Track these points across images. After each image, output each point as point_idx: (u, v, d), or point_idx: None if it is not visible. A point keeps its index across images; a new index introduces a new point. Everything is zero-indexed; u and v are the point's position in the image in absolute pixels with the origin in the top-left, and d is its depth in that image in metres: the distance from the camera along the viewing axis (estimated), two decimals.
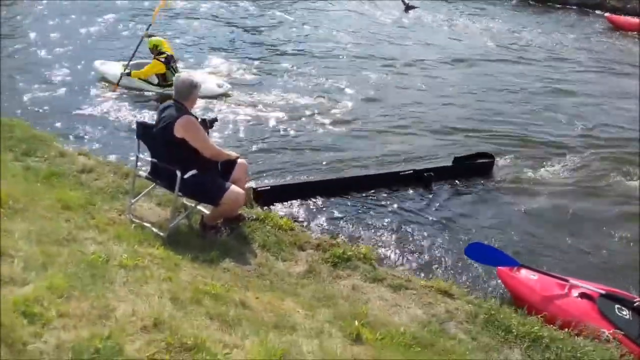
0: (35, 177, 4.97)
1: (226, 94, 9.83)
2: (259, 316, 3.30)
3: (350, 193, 7.03)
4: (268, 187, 6.62)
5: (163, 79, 9.62)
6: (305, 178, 7.39)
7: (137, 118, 8.48)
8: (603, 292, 4.71)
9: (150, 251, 3.89)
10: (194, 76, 4.75)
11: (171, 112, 4.44)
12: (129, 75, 9.69)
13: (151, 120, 4.94)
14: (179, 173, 4.36)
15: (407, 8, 19.02)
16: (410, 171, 7.51)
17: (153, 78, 9.76)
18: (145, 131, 4.65)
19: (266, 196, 6.37)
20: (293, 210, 6.59)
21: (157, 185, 4.89)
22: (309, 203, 6.74)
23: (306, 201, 6.75)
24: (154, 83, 9.75)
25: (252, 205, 5.66)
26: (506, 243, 6.23)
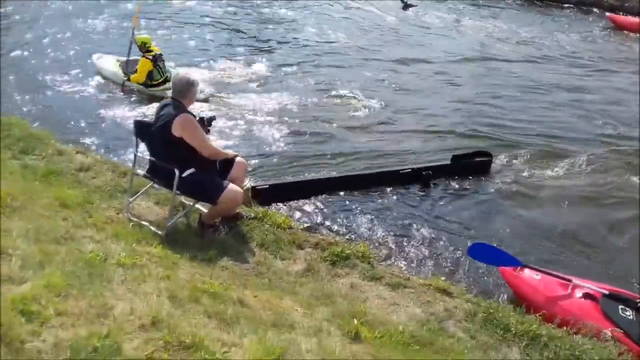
0: (33, 176, 4.96)
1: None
2: (258, 315, 3.30)
3: (348, 191, 7.02)
4: (266, 186, 6.61)
5: (149, 77, 9.57)
6: (303, 176, 7.39)
7: (135, 116, 8.49)
8: (606, 292, 4.69)
9: (148, 250, 3.88)
10: (192, 74, 4.73)
11: (169, 111, 4.43)
12: (129, 80, 9.69)
13: (150, 118, 4.93)
14: (177, 171, 4.35)
15: (406, 6, 19.02)
16: (408, 169, 7.50)
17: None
18: (143, 129, 4.65)
19: (264, 195, 6.36)
20: (291, 208, 6.58)
21: (155, 183, 4.88)
22: (308, 201, 6.73)
23: (305, 200, 6.74)
24: (140, 82, 9.67)
25: (251, 203, 5.66)
26: (504, 241, 6.23)
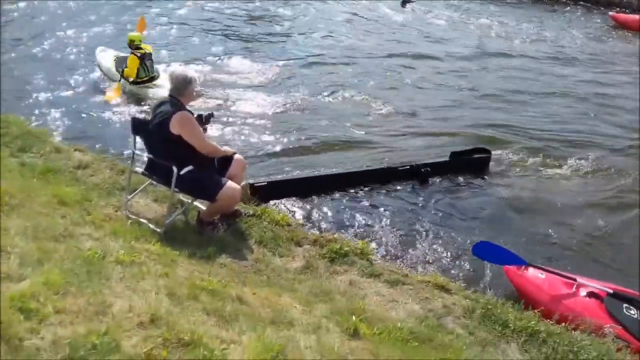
0: (31, 173, 4.96)
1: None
2: (256, 312, 3.30)
3: (347, 188, 7.02)
4: (265, 183, 6.60)
5: (136, 74, 9.55)
6: (301, 174, 7.38)
7: (133, 113, 8.47)
8: (611, 291, 4.68)
9: (146, 247, 3.87)
10: (190, 71, 4.71)
11: (167, 108, 4.42)
12: (123, 75, 9.66)
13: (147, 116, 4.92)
14: (176, 169, 4.34)
15: (404, 3, 19.00)
16: (407, 166, 7.49)
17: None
18: (141, 127, 4.64)
19: (263, 192, 6.36)
20: (290, 205, 6.58)
21: (154, 181, 4.87)
22: (306, 198, 6.72)
23: (303, 197, 6.73)
24: (131, 77, 9.64)
25: (249, 201, 5.65)
26: (502, 238, 6.20)
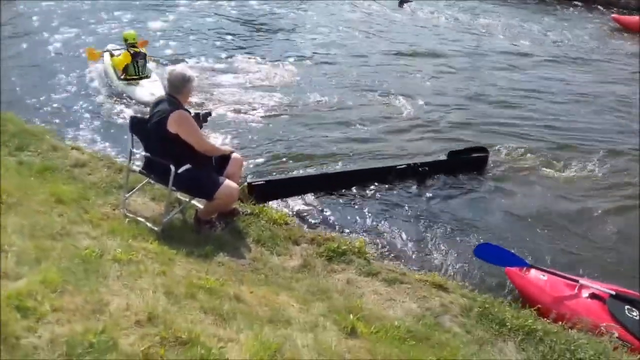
0: (28, 172, 4.95)
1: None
2: (254, 310, 3.30)
3: (344, 187, 7.02)
4: (262, 182, 6.60)
5: (124, 70, 9.54)
6: (299, 172, 7.38)
7: (131, 112, 8.46)
8: (613, 293, 4.69)
9: (144, 246, 3.87)
10: (187, 70, 4.71)
11: (164, 107, 4.42)
12: (112, 56, 9.71)
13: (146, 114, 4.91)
14: (173, 167, 4.34)
15: (401, 2, 19.00)
16: (405, 165, 7.50)
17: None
18: (138, 125, 4.63)
19: (261, 190, 6.36)
20: (288, 204, 6.57)
21: (151, 179, 4.87)
22: (304, 197, 6.72)
23: (301, 195, 6.73)
24: (119, 68, 9.63)
25: (247, 199, 5.65)
26: (500, 238, 6.23)
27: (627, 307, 4.58)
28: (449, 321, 4.00)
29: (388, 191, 7.13)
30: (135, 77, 9.47)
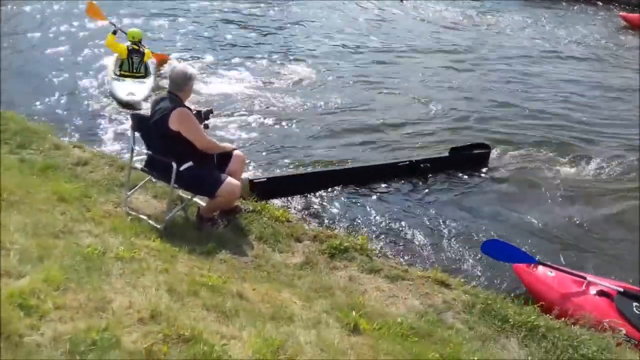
0: (30, 170, 4.96)
1: (133, 106, 8.81)
2: (256, 307, 3.30)
3: (346, 184, 7.01)
4: (264, 179, 6.59)
5: (119, 66, 9.57)
6: (301, 170, 7.37)
7: (133, 110, 8.45)
8: (621, 290, 4.66)
9: (146, 243, 3.88)
10: (189, 68, 4.71)
11: (166, 104, 4.42)
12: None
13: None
14: (175, 165, 4.34)
15: None
16: (406, 162, 7.49)
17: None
18: (140, 123, 4.64)
19: (262, 188, 6.34)
20: (290, 201, 6.57)
21: (153, 177, 4.87)
22: (306, 194, 6.71)
23: (303, 193, 6.72)
24: (114, 71, 9.63)
25: (249, 197, 5.65)
26: (503, 234, 6.22)
27: (635, 304, 4.55)
28: (452, 318, 4.00)
29: (390, 188, 7.13)
30: (127, 74, 9.46)
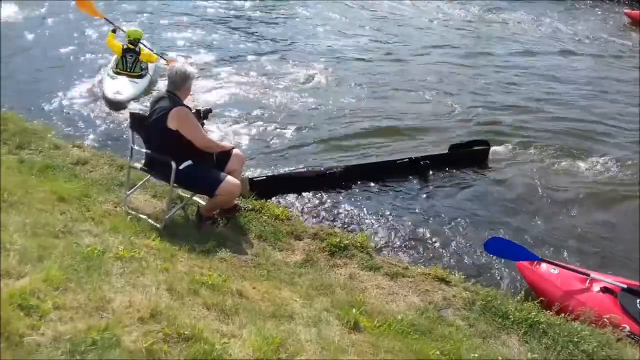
0: (29, 170, 4.95)
1: (117, 105, 8.97)
2: (257, 306, 3.30)
3: (346, 182, 7.01)
4: (264, 177, 6.61)
5: (116, 65, 9.60)
6: (301, 168, 7.37)
7: (131, 109, 8.45)
8: (625, 286, 4.66)
9: (146, 243, 3.87)
10: (188, 67, 4.70)
11: (164, 103, 4.42)
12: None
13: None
14: (174, 164, 4.33)
15: None
16: (406, 159, 7.49)
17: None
18: (139, 122, 4.63)
19: (262, 186, 6.35)
20: (289, 200, 6.58)
21: (152, 176, 4.87)
22: (305, 193, 6.72)
23: (302, 191, 6.73)
24: (112, 68, 9.67)
25: (248, 195, 5.65)
26: (503, 231, 6.23)
27: (639, 301, 4.53)
28: (452, 314, 4.01)
29: (389, 185, 7.13)
30: (122, 73, 9.49)
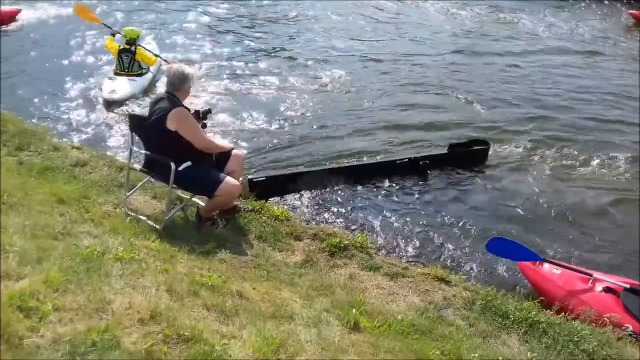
0: (28, 172, 4.95)
1: (116, 103, 9.06)
2: (257, 306, 3.30)
3: (346, 182, 7.01)
4: (263, 178, 6.60)
5: (115, 66, 9.70)
6: (300, 169, 7.37)
7: (130, 110, 8.45)
8: (627, 286, 4.64)
9: (146, 244, 3.87)
10: (186, 67, 4.69)
11: (164, 105, 4.41)
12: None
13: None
14: (173, 165, 4.33)
15: None
16: (406, 159, 7.49)
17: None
18: (138, 123, 4.63)
19: (262, 187, 6.35)
20: (289, 200, 6.57)
21: (152, 178, 4.86)
22: (305, 193, 6.72)
23: (302, 191, 6.73)
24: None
25: (248, 196, 5.65)
26: (503, 230, 6.22)
27: None
28: (452, 314, 4.01)
29: (389, 185, 7.12)
30: (121, 73, 9.56)
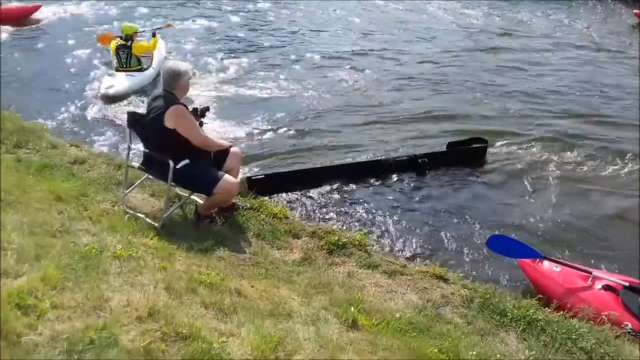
0: (27, 169, 4.94)
1: (112, 98, 9.21)
2: (255, 304, 3.30)
3: (344, 180, 7.01)
4: (262, 176, 6.60)
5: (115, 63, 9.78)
6: (298, 166, 7.37)
7: (129, 107, 8.45)
8: (627, 284, 4.64)
9: (144, 241, 3.87)
10: (181, 64, 4.65)
11: (161, 102, 4.40)
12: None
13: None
14: (172, 163, 4.33)
15: None
16: (404, 157, 7.50)
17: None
18: (136, 121, 4.62)
19: (260, 185, 6.34)
20: (287, 198, 6.57)
21: (150, 175, 4.86)
22: (304, 191, 6.72)
23: (300, 189, 6.73)
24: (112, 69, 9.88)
25: (246, 194, 5.65)
26: (502, 228, 6.23)
27: None
28: (450, 312, 4.01)
29: (387, 183, 7.13)
30: (120, 69, 9.66)
